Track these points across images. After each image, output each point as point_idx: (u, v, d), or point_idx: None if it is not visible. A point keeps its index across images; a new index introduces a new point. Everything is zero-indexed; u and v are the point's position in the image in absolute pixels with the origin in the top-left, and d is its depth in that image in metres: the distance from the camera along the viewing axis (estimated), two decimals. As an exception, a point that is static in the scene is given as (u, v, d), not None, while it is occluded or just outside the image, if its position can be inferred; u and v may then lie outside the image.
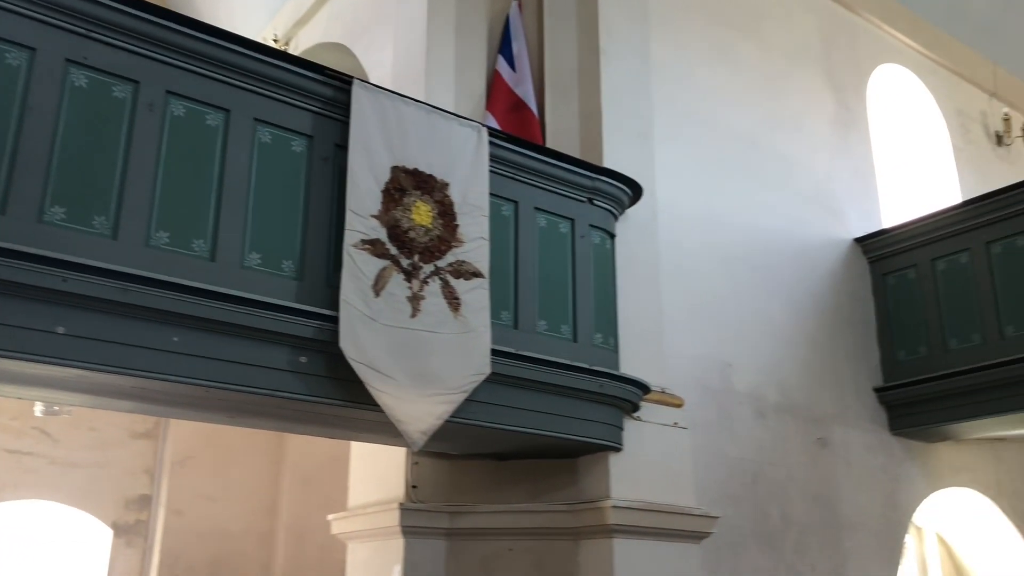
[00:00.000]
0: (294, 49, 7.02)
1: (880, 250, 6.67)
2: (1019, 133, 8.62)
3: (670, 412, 4.71)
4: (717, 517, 4.57)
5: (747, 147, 6.25)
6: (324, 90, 3.73)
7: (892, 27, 7.78)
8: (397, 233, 3.65)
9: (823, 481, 5.77)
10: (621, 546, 4.17)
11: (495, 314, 3.94)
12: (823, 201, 6.63)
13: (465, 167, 3.97)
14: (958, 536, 7.26)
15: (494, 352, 3.81)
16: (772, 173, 6.36)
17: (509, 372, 3.91)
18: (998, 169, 8.29)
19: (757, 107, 6.43)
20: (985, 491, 6.84)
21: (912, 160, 7.96)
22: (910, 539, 7.25)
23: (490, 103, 5.17)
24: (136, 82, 3.27)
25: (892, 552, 6.05)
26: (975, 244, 6.15)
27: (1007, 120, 8.50)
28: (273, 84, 3.59)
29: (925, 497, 6.46)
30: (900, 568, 6.10)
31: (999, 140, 8.49)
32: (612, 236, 4.68)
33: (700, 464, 4.99)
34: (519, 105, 5.18)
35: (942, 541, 7.38)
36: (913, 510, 6.38)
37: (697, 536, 4.51)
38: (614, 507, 4.16)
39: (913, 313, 6.41)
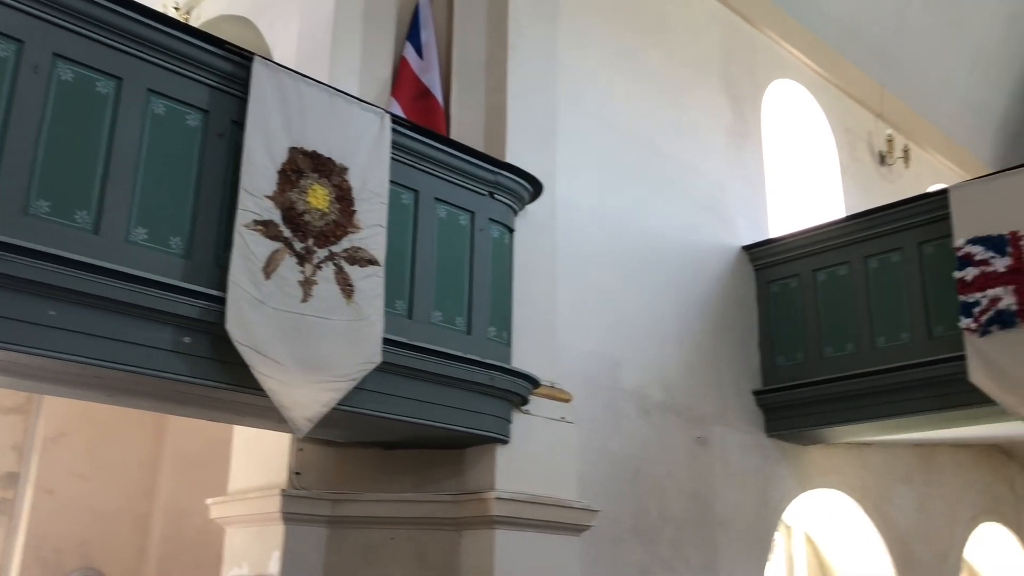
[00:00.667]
0: (196, 19, 6.79)
1: (766, 258, 6.93)
2: (900, 154, 9.10)
3: (558, 407, 4.79)
4: (598, 511, 4.68)
5: (646, 151, 6.40)
6: (223, 64, 3.63)
7: (790, 44, 8.08)
8: (292, 215, 3.59)
9: (701, 479, 5.97)
10: (503, 537, 4.23)
11: (389, 303, 3.93)
12: (715, 208, 6.85)
13: (366, 153, 3.93)
14: (824, 535, 7.63)
15: (386, 341, 3.80)
16: (669, 178, 6.53)
17: (401, 362, 3.91)
18: (880, 187, 8.73)
19: (658, 113, 6.58)
20: (851, 493, 7.20)
21: (801, 174, 8.30)
22: (779, 536, 7.59)
23: (396, 90, 5.13)
24: (21, 42, 3.11)
25: (761, 549, 6.31)
26: (854, 258, 6.45)
27: (890, 141, 8.96)
28: (169, 55, 3.48)
29: (795, 497, 6.76)
30: (768, 564, 6.37)
31: (882, 160, 8.93)
32: (511, 231, 4.72)
33: (584, 459, 5.10)
34: (425, 94, 5.16)
35: (809, 539, 7.74)
36: (783, 509, 6.67)
37: (577, 529, 4.60)
38: (498, 499, 4.21)
39: (793, 321, 6.68)
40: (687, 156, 6.74)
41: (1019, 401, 5.33)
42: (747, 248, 6.98)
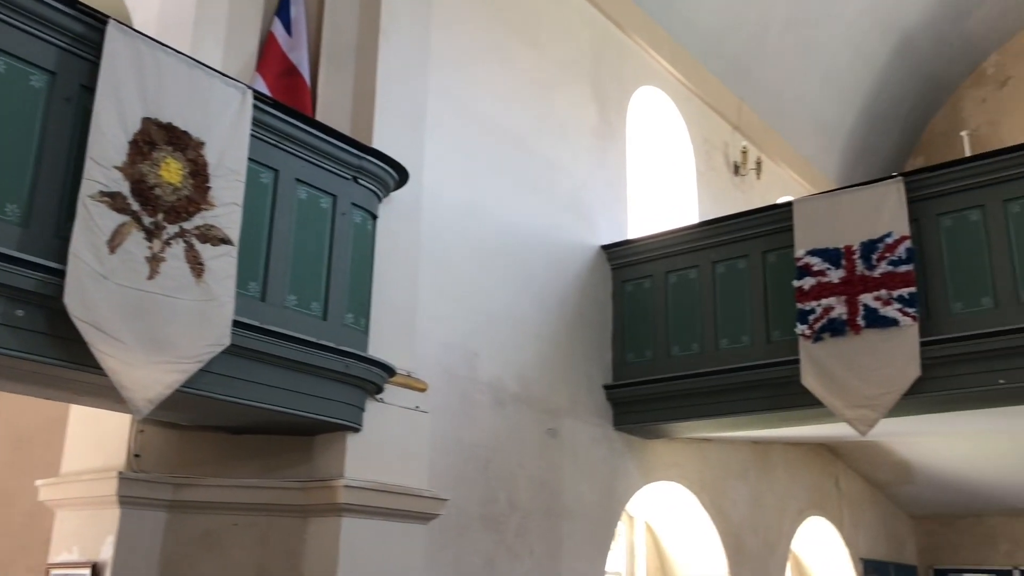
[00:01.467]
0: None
1: (623, 259, 7.16)
2: (753, 166, 9.57)
3: (413, 396, 4.80)
4: (446, 500, 4.73)
5: (513, 147, 6.48)
6: (74, 25, 3.44)
7: (657, 53, 8.36)
8: (141, 188, 3.44)
9: (550, 470, 6.12)
10: (349, 525, 4.21)
11: (242, 284, 3.83)
12: (577, 207, 7.02)
13: (224, 128, 3.81)
14: (663, 525, 7.97)
15: (236, 324, 3.71)
16: (534, 175, 6.64)
17: (251, 345, 3.82)
18: (732, 196, 9.16)
19: (526, 110, 6.68)
20: (690, 486, 7.55)
21: (660, 178, 8.60)
22: (622, 526, 7.87)
23: (261, 65, 4.99)
24: None
25: (604, 538, 6.54)
26: (704, 262, 6.76)
27: (744, 153, 9.41)
28: (12, 9, 3.26)
29: (639, 488, 7.03)
30: (609, 553, 6.60)
31: (736, 170, 9.37)
32: (374, 217, 4.69)
33: (437, 448, 5.14)
34: (292, 71, 5.05)
35: (650, 529, 8.07)
36: (627, 500, 6.92)
37: (425, 517, 4.63)
38: (346, 486, 4.19)
39: (644, 319, 6.94)
40: (553, 154, 6.87)
41: (844, 404, 5.72)
42: (605, 248, 7.18)
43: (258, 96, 4.09)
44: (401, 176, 4.79)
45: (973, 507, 10.86)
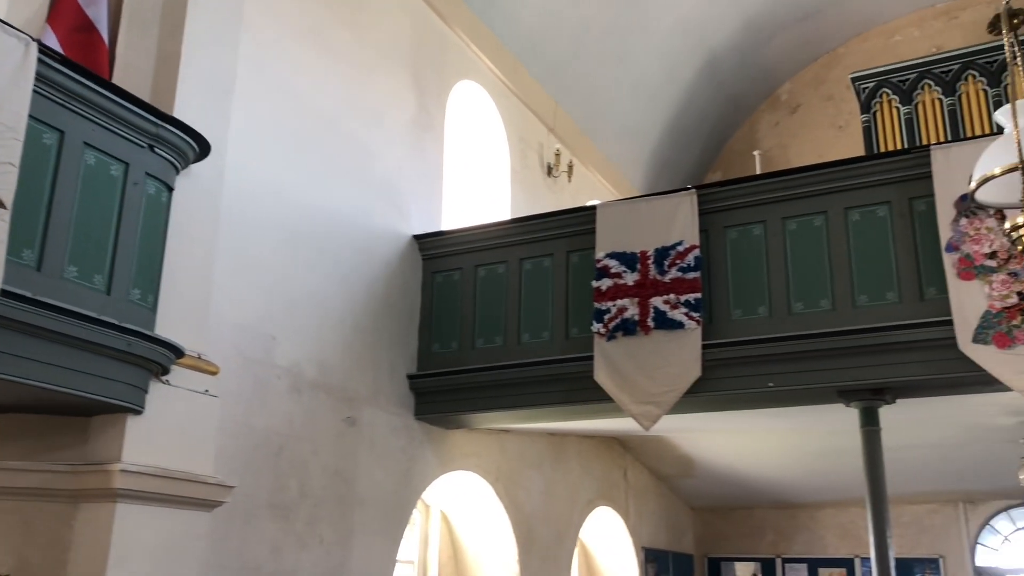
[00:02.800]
0: None
1: (434, 250, 7.19)
2: (565, 168, 9.87)
3: (203, 379, 4.60)
4: (232, 487, 4.57)
5: (327, 129, 6.36)
6: None
7: (478, 47, 8.44)
8: (-103, 140, 3.11)
9: (345, 458, 6.06)
10: (124, 511, 3.98)
11: (15, 251, 3.53)
12: (391, 196, 6.98)
13: (3, 82, 3.50)
14: (458, 514, 8.09)
15: (6, 293, 3.42)
16: (347, 160, 6.54)
17: (21, 317, 3.53)
18: (545, 196, 9.41)
19: (343, 93, 6.56)
20: (486, 475, 7.70)
21: (475, 173, 8.71)
22: (417, 515, 7.92)
23: (52, 17, 4.61)
24: None
25: (397, 526, 6.55)
26: (512, 258, 6.91)
27: (558, 155, 9.69)
28: None
29: (436, 478, 7.09)
30: (402, 541, 6.62)
31: (549, 171, 9.63)
32: (170, 189, 4.45)
33: (227, 433, 4.98)
34: (87, 27, 4.70)
35: (445, 518, 8.16)
36: (423, 489, 6.97)
37: (209, 504, 4.46)
38: (122, 471, 3.96)
39: (452, 311, 7.01)
40: (368, 140, 6.79)
41: (631, 400, 6.03)
42: (418, 238, 7.19)
43: (45, 50, 3.78)
44: (202, 148, 4.57)
45: (745, 500, 11.75)
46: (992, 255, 5.17)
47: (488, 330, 6.84)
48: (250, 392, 5.33)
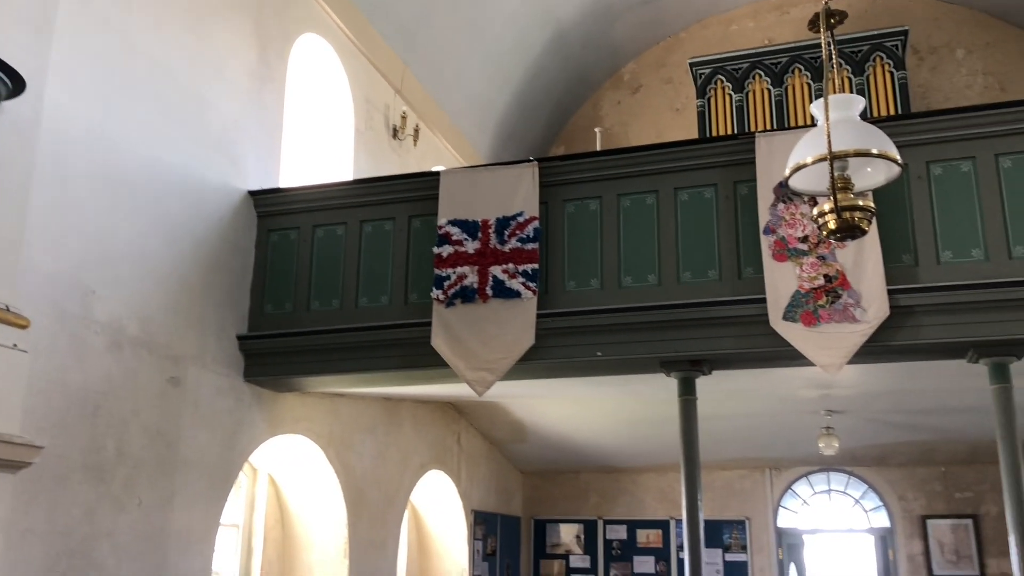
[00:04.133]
0: None
1: (270, 207, 6.97)
2: (412, 132, 9.80)
3: (11, 333, 4.32)
4: (41, 447, 4.34)
5: (162, 76, 6.02)
6: None
7: (325, 0, 8.19)
8: None
9: (167, 419, 5.83)
10: (-86, 473, 3.71)
11: None
12: (226, 148, 6.70)
13: None
14: (287, 478, 7.97)
15: None
16: (179, 107, 6.22)
17: None
18: (390, 158, 9.31)
19: (178, 36, 6.22)
20: (317, 439, 7.61)
21: (318, 130, 8.50)
22: (244, 478, 7.74)
23: None
24: None
25: (222, 489, 6.38)
26: (352, 220, 6.80)
27: (404, 118, 9.60)
28: None
29: (264, 441, 6.94)
30: (226, 505, 6.45)
31: (395, 133, 9.53)
32: (-23, 127, 4.12)
33: (37, 391, 4.70)
34: None
35: (273, 481, 8.02)
36: (250, 453, 6.81)
37: (15, 466, 4.21)
38: (-87, 429, 3.68)
39: (287, 271, 6.84)
40: (205, 89, 6.48)
41: (466, 366, 6.11)
42: (253, 194, 6.95)
43: None
44: (17, 85, 4.25)
45: (572, 465, 12.19)
46: (804, 239, 5.56)
47: (324, 292, 6.74)
48: (65, 348, 5.03)
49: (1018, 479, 5.37)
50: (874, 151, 3.39)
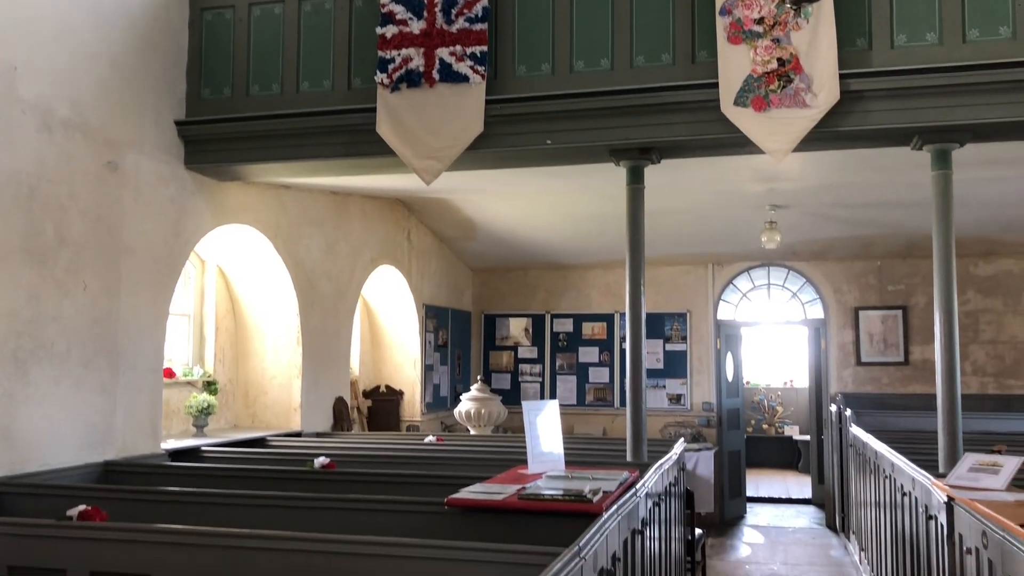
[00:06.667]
0: None
1: (202, -17, 6.55)
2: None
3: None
4: (-25, 227, 4.22)
5: None
6: None
7: None
8: None
9: (108, 205, 5.70)
10: None
11: None
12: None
13: None
14: (236, 269, 7.97)
15: None
16: None
17: None
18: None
19: None
20: (265, 230, 7.56)
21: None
22: (193, 269, 7.73)
23: None
24: None
25: (168, 278, 6.36)
26: (289, -2, 6.44)
27: None
28: None
29: (210, 230, 6.87)
30: (173, 293, 6.45)
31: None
32: None
33: (-36, 170, 4.51)
34: None
35: (222, 272, 8.02)
36: (196, 241, 6.75)
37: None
38: None
39: (224, 54, 6.52)
40: None
41: (413, 154, 6.01)
42: (183, -32, 6.50)
43: None
44: None
45: (521, 262, 12.38)
46: (760, 20, 5.40)
47: (264, 76, 6.46)
48: (-9, 127, 4.80)
49: (949, 265, 5.58)
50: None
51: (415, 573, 3.08)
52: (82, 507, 4.07)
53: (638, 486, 4.47)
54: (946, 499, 4.40)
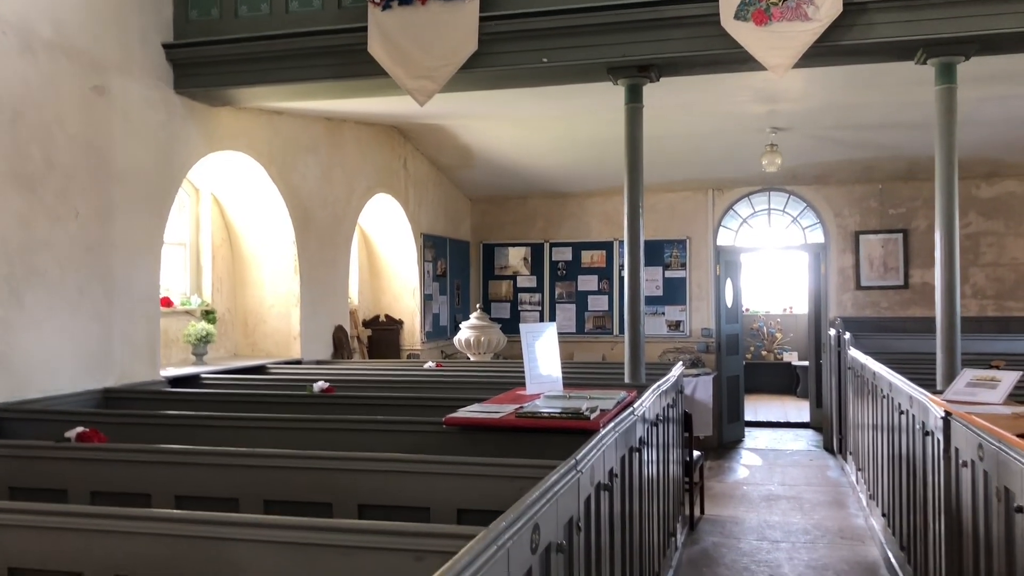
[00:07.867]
0: None
1: (184, -99, 6.33)
2: None
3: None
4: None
5: None
6: None
7: None
8: None
9: (97, 129, 5.59)
10: None
11: None
12: None
13: None
14: (230, 196, 7.88)
15: None
16: None
17: None
18: None
19: None
20: (259, 157, 7.45)
21: None
22: (187, 198, 7.65)
23: None
24: None
25: (162, 205, 6.29)
26: (276, -85, 6.22)
27: None
28: None
29: (202, 156, 6.77)
30: (167, 220, 6.38)
31: None
32: None
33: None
34: None
35: (217, 201, 7.94)
36: (188, 168, 6.66)
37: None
38: None
39: (210, -27, 6.34)
40: None
41: (406, 74, 5.89)
42: None
43: None
44: None
45: (519, 190, 12.26)
46: (761, -71, 5.23)
47: (252, -4, 6.29)
48: (-28, 48, 4.68)
49: (951, 184, 5.51)
50: None
51: (415, 488, 3.09)
52: (80, 429, 4.08)
53: (636, 405, 4.48)
54: (943, 414, 4.41)
